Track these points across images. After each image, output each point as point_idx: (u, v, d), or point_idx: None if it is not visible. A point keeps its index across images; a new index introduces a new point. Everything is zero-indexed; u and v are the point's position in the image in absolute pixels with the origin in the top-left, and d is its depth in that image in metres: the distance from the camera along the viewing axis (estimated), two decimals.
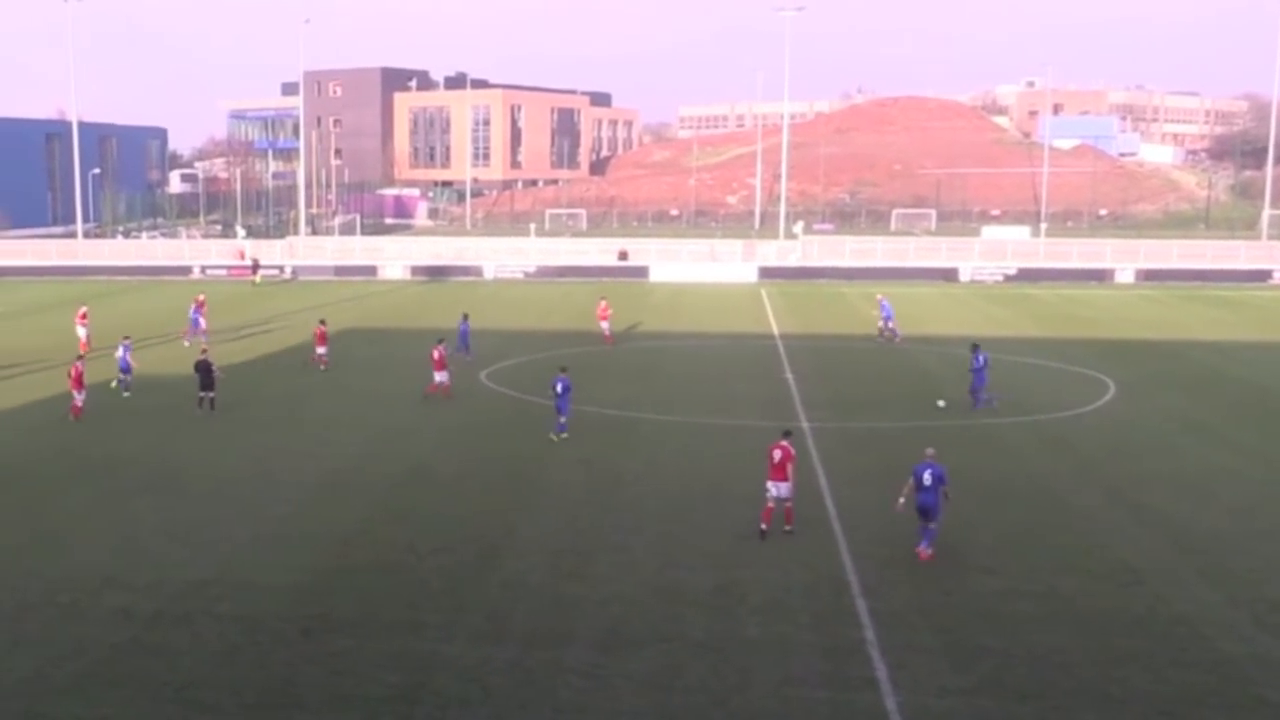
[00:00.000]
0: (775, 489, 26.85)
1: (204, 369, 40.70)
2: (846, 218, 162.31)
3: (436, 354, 43.33)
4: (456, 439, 37.18)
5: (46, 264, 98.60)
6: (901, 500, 25.85)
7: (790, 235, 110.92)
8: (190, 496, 30.51)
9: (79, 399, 39.45)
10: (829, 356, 50.87)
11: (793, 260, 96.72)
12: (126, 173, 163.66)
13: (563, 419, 36.94)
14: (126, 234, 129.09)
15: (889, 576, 24.37)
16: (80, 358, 43.13)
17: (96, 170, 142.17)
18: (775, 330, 61.69)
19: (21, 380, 46.96)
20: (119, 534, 27.36)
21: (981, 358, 41.48)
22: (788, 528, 26.96)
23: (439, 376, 43.14)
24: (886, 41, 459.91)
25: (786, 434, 27.75)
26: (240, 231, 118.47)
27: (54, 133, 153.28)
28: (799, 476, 27.89)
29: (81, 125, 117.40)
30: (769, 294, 80.00)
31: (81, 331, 53.15)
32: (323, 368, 48.86)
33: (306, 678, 19.58)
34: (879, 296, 63.67)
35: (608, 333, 57.17)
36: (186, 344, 53.85)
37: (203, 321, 56.03)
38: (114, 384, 43.98)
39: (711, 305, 73.69)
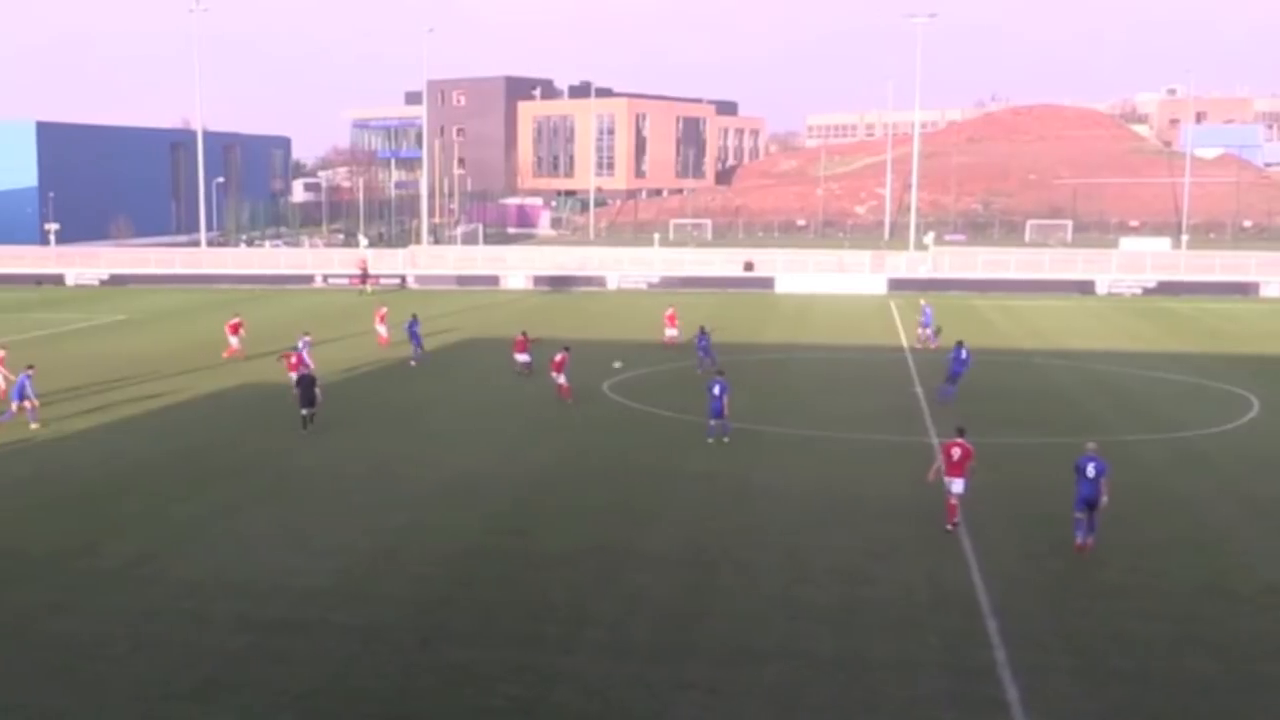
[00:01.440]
0: (951, 484, 27.95)
1: (306, 384, 39.97)
2: (979, 229, 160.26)
3: (559, 357, 45.13)
4: (578, 451, 37.32)
5: (170, 272, 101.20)
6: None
7: (921, 246, 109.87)
8: (310, 504, 31.03)
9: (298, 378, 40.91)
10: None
11: (923, 272, 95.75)
12: (250, 181, 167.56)
13: (713, 422, 37.77)
14: (249, 242, 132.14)
15: (1021, 596, 23.93)
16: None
17: (220, 179, 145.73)
18: (904, 343, 61.09)
19: (145, 386, 48.17)
20: (239, 541, 27.89)
21: (964, 353, 45.22)
22: (951, 525, 27.89)
23: (559, 379, 44.69)
24: (1022, 48, 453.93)
25: (960, 432, 28.88)
26: (363, 241, 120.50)
27: (179, 141, 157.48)
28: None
29: (206, 134, 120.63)
30: (898, 306, 79.26)
31: (234, 340, 54.34)
32: (526, 374, 49.66)
33: (424, 688, 19.74)
34: (922, 302, 64.77)
35: (670, 339, 59.15)
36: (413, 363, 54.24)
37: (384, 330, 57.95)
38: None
39: (839, 317, 73.21)
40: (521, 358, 50.39)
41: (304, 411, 39.47)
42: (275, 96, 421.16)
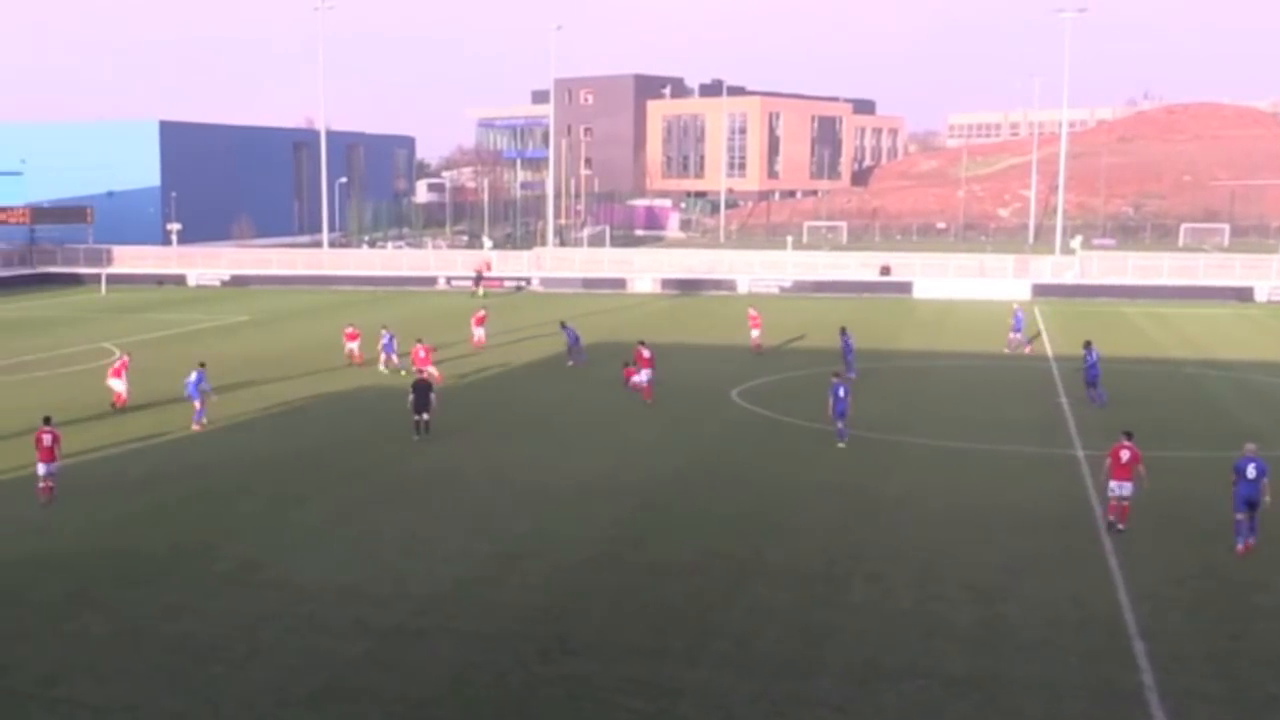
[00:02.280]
0: (1120, 488, 28.66)
1: (422, 389, 39.99)
2: (1129, 232, 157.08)
3: (648, 353, 46.26)
4: (705, 458, 37.36)
5: (292, 273, 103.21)
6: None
7: (1067, 250, 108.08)
8: (430, 509, 31.43)
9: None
10: (1107, 380, 49.10)
11: (1069, 277, 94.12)
12: (373, 182, 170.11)
13: (840, 424, 38.37)
14: (372, 243, 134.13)
15: (1170, 617, 23.43)
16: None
17: (343, 179, 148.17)
18: (1049, 351, 60.10)
19: (265, 389, 49.18)
20: (358, 545, 28.34)
21: (1094, 355, 46.10)
22: (1121, 526, 28.50)
23: (643, 375, 45.83)
24: (1177, 44, 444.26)
25: (1128, 435, 29.33)
26: (487, 242, 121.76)
27: (301, 141, 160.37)
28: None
29: (329, 134, 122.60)
30: (1043, 313, 78.03)
31: (353, 345, 55.26)
32: (647, 400, 46.17)
33: (544, 700, 19.88)
34: (1015, 306, 64.71)
35: (756, 341, 59.39)
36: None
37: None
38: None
39: (979, 323, 72.29)
40: (640, 375, 47.16)
41: (417, 417, 39.62)
42: (400, 96, 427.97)
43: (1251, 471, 26.67)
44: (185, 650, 21.91)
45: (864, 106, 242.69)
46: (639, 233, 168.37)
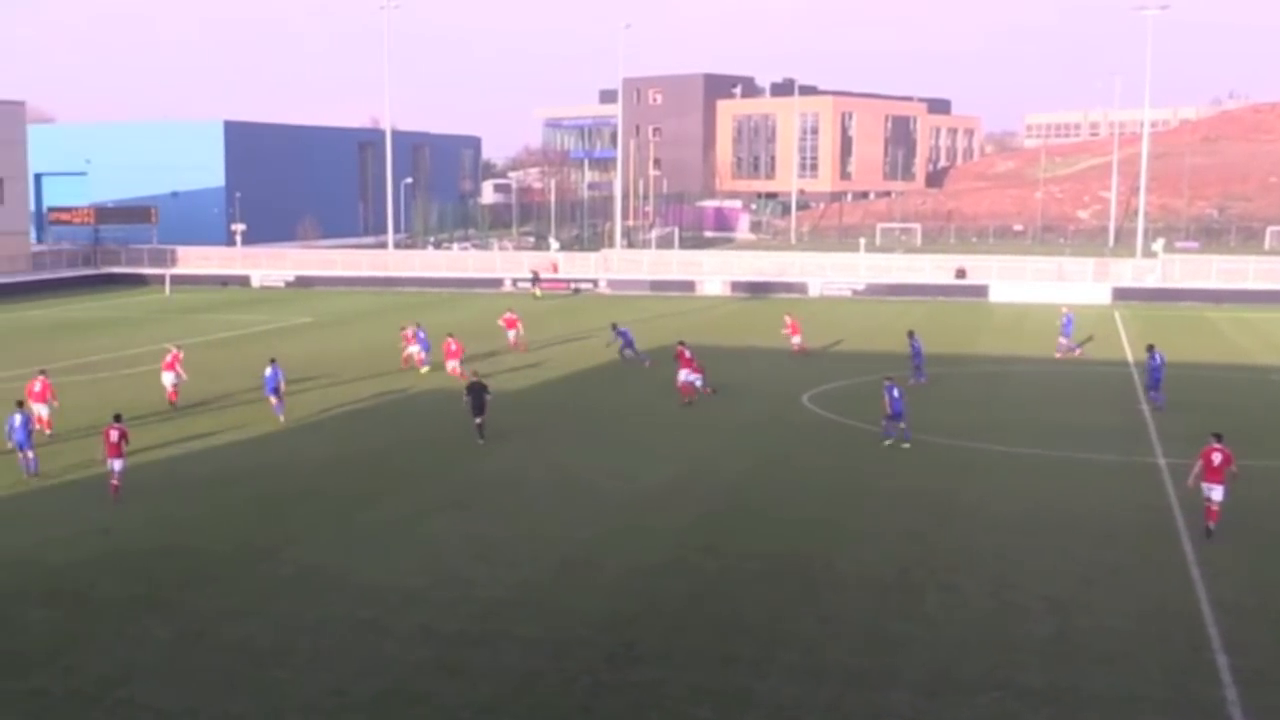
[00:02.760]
0: (1211, 491, 28.66)
1: (477, 391, 40.08)
2: (1213, 235, 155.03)
3: (688, 353, 47.27)
4: (775, 465, 37.29)
5: (357, 274, 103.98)
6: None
7: (1149, 253, 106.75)
8: (494, 513, 31.57)
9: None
10: (1190, 386, 48.57)
11: (1151, 281, 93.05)
12: (439, 182, 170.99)
13: (903, 425, 38.80)
14: (437, 245, 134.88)
15: (1255, 631, 23.11)
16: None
17: (409, 180, 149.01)
18: (1129, 357, 59.47)
19: (329, 391, 49.56)
20: (421, 549, 28.52)
21: (1159, 358, 45.76)
22: (1211, 526, 28.56)
23: (686, 375, 46.39)
24: (1263, 42, 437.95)
25: (1218, 437, 29.29)
26: (553, 244, 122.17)
27: (367, 141, 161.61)
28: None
29: (395, 134, 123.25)
30: (1123, 317, 77.27)
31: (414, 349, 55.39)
32: (686, 399, 46.47)
33: (610, 708, 19.91)
34: (1064, 309, 64.06)
35: (798, 346, 60.01)
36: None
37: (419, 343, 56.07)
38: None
39: (1058, 328, 71.53)
40: (689, 377, 46.96)
41: (477, 420, 39.77)
42: (466, 95, 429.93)
43: None
44: (247, 653, 22.14)
45: (939, 106, 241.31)
46: (708, 234, 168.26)
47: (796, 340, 60.38)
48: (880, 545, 28.63)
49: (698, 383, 46.84)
